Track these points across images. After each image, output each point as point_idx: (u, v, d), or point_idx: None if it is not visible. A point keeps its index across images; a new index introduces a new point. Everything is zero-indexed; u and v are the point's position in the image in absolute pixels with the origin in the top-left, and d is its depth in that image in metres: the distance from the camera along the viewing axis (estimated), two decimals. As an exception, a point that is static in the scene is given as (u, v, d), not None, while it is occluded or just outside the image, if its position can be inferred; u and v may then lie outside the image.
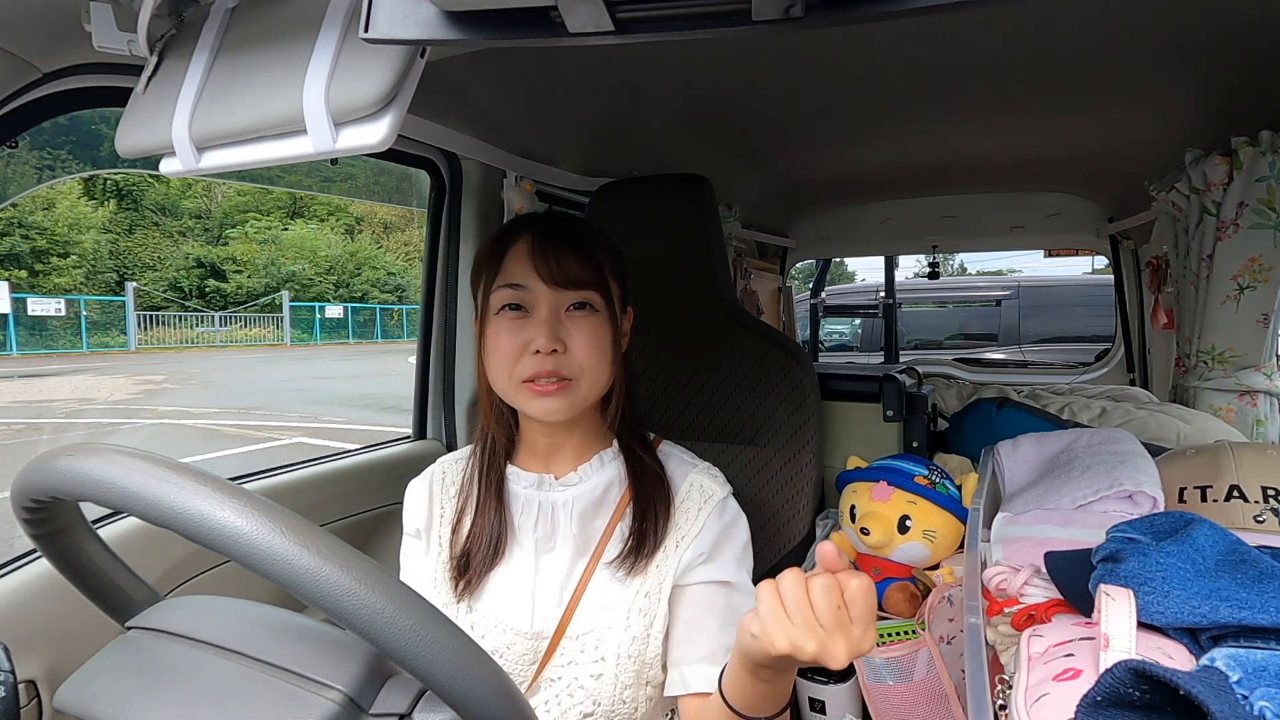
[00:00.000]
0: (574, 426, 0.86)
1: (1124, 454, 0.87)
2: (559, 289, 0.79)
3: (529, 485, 0.87)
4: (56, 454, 0.46)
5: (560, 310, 0.80)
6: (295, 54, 0.58)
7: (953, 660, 0.94)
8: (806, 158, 1.96)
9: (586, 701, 0.80)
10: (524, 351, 0.78)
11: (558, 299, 0.80)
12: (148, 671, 0.49)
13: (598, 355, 0.80)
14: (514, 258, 0.80)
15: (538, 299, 0.79)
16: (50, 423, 8.50)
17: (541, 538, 0.85)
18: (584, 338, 0.79)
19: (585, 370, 0.80)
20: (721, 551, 0.83)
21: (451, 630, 0.42)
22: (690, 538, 0.82)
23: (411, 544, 0.92)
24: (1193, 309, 1.52)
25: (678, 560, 0.81)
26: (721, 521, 0.84)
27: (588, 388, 0.81)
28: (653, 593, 0.81)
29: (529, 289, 0.79)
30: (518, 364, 0.79)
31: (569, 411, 0.80)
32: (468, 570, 0.84)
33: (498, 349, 0.80)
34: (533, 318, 0.79)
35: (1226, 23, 1.03)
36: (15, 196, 8.94)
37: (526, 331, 0.79)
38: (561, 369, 0.78)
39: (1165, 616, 0.52)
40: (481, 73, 1.15)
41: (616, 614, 0.81)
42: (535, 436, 0.88)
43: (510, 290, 0.80)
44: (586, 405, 0.83)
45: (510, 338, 0.79)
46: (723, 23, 0.44)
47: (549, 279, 0.79)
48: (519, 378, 0.79)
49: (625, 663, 0.79)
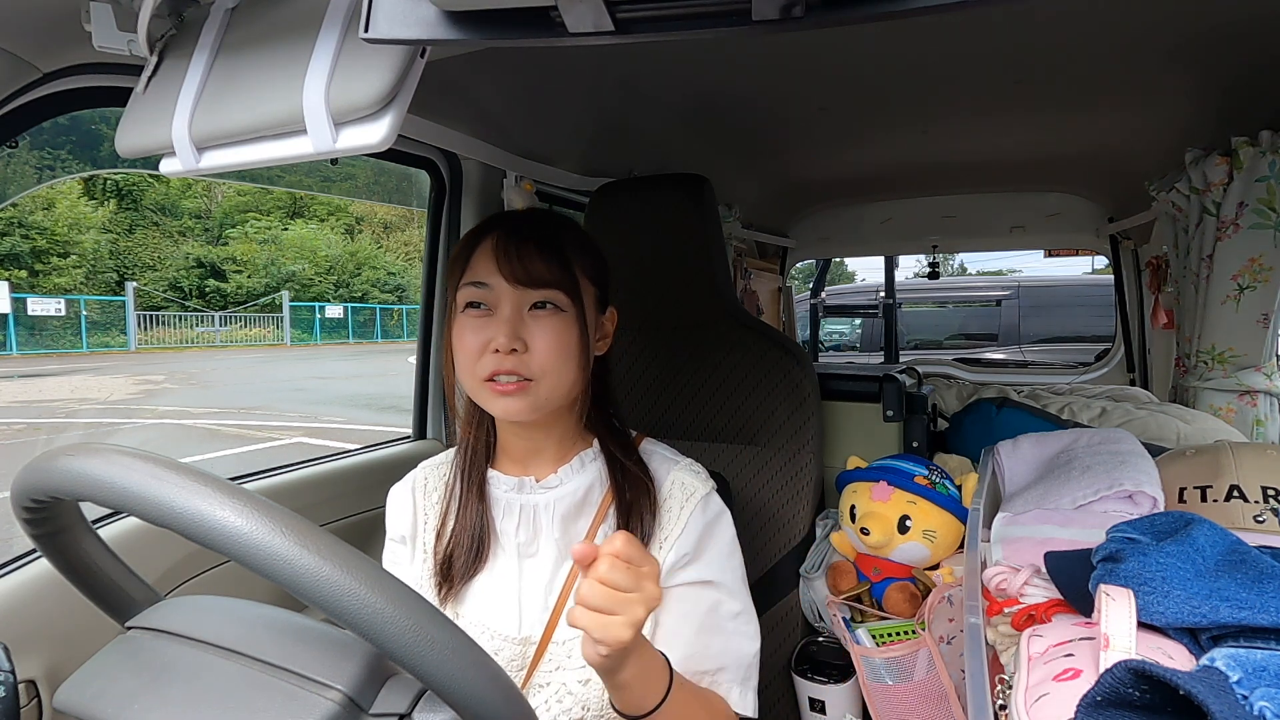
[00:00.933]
0: (550, 428, 0.85)
1: (1124, 454, 0.87)
2: (520, 287, 0.77)
3: (509, 489, 0.86)
4: (56, 454, 0.46)
5: (522, 309, 0.78)
6: (295, 54, 0.58)
7: (953, 660, 0.94)
8: (807, 158, 1.96)
9: (575, 707, 0.79)
10: (485, 350, 0.77)
11: (520, 297, 0.78)
12: (148, 671, 0.49)
13: (559, 357, 0.78)
14: (480, 255, 0.79)
15: (500, 297, 0.78)
16: (50, 423, 8.50)
17: (524, 542, 0.84)
18: (546, 338, 0.78)
19: (546, 372, 0.78)
20: (705, 550, 0.83)
21: (451, 630, 0.42)
22: (674, 538, 0.81)
23: (396, 550, 0.91)
24: (1193, 309, 1.52)
25: (663, 561, 0.80)
26: (705, 518, 0.83)
27: (549, 390, 0.79)
28: None
29: (491, 287, 0.78)
30: (479, 362, 0.78)
31: (531, 412, 0.79)
32: (450, 574, 0.84)
33: (462, 347, 0.79)
34: (495, 316, 0.78)
35: (1226, 22, 1.03)
36: (15, 196, 8.95)
37: (488, 330, 0.77)
38: (521, 369, 0.77)
39: (1165, 616, 0.52)
40: (481, 73, 1.15)
41: None
42: (511, 439, 0.87)
43: (474, 288, 0.79)
44: (551, 407, 0.81)
45: (473, 336, 0.78)
46: (723, 23, 0.44)
47: (511, 277, 0.77)
48: (480, 375, 0.78)
49: None
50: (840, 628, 1.11)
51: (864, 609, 1.15)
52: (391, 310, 22.05)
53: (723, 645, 0.81)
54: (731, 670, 0.81)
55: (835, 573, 1.17)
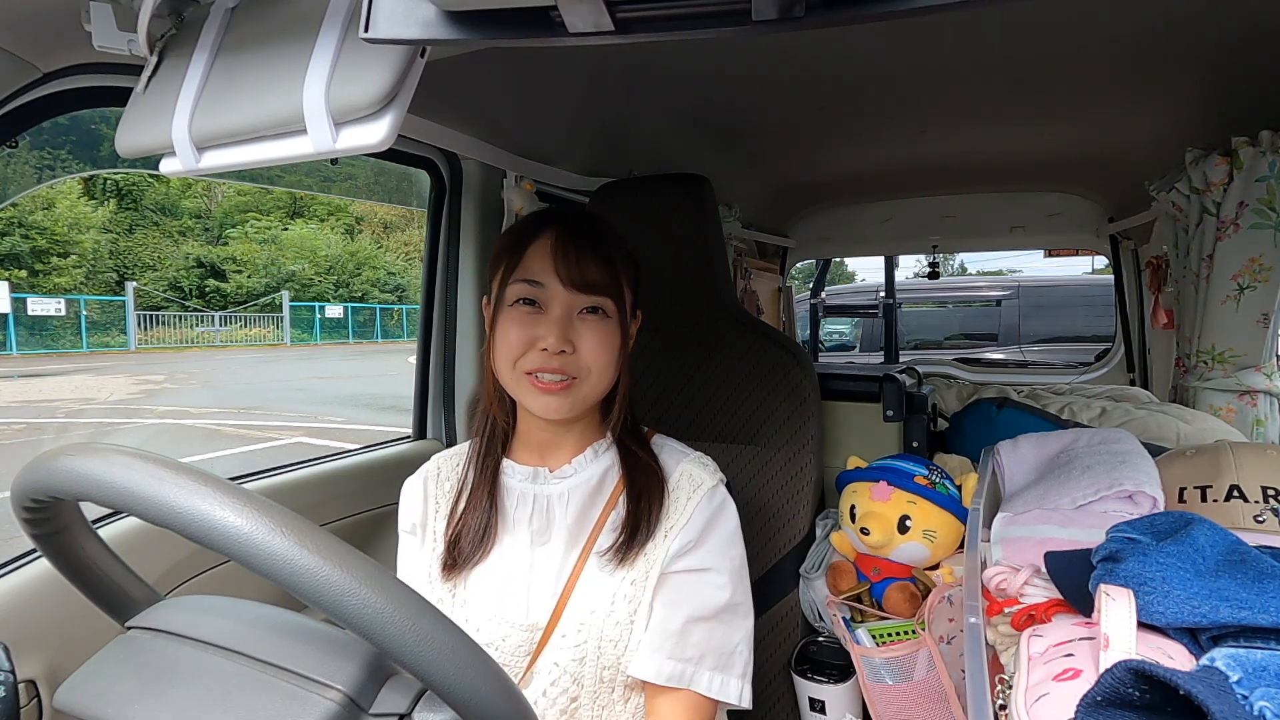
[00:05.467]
0: (574, 423, 0.87)
1: (1124, 454, 0.87)
2: (575, 291, 0.79)
3: (523, 479, 0.87)
4: (56, 454, 0.46)
5: (573, 312, 0.80)
6: (295, 54, 0.58)
7: (953, 660, 0.94)
8: (807, 158, 1.96)
9: (573, 686, 0.81)
10: (531, 347, 0.79)
11: (572, 301, 0.80)
12: (148, 671, 0.49)
13: (605, 359, 0.80)
14: (535, 253, 0.80)
15: (552, 298, 0.80)
16: (50, 422, 8.50)
17: (537, 530, 0.85)
18: (593, 341, 0.80)
19: (591, 371, 0.80)
20: (707, 539, 0.84)
21: (451, 630, 0.42)
22: (679, 527, 0.83)
23: (407, 540, 0.93)
24: (1193, 309, 1.52)
25: (666, 549, 0.82)
26: (710, 509, 0.85)
27: (590, 389, 0.81)
28: (639, 580, 0.81)
29: (546, 287, 0.79)
30: (523, 357, 0.79)
31: (570, 411, 0.81)
32: (457, 556, 0.85)
33: (505, 340, 0.80)
34: (545, 315, 0.79)
35: (1227, 23, 1.03)
36: (15, 196, 8.95)
37: (538, 328, 0.79)
38: (568, 368, 0.79)
39: (1165, 616, 0.52)
40: (481, 73, 1.15)
41: (602, 601, 0.81)
42: (533, 430, 0.88)
43: (527, 285, 0.80)
44: (587, 405, 0.83)
45: (519, 330, 0.79)
46: (723, 23, 0.44)
47: (567, 280, 0.79)
48: (523, 369, 0.79)
49: (607, 648, 0.80)
50: (840, 628, 1.11)
51: (864, 609, 1.15)
52: (391, 310, 22.05)
53: (706, 634, 0.81)
54: (711, 658, 0.81)
55: (835, 573, 1.17)
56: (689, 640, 0.80)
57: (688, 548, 0.82)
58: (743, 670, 0.83)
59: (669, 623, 0.80)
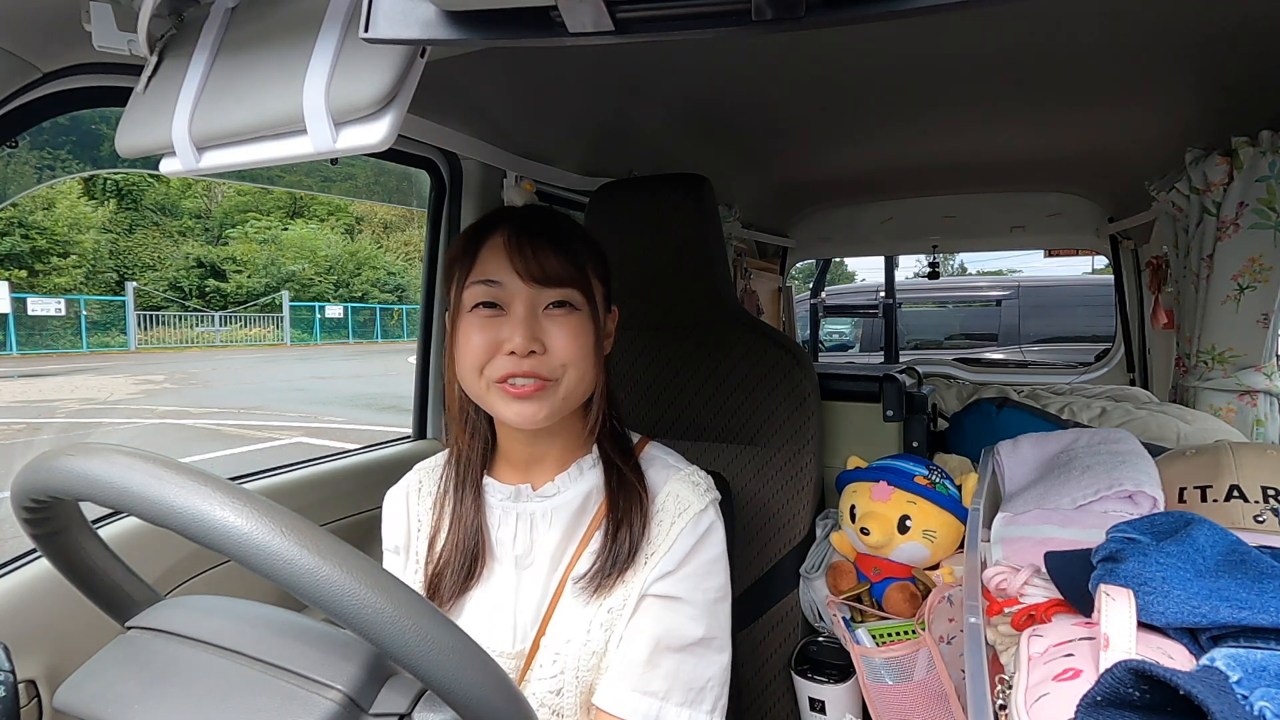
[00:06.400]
0: (555, 434, 0.82)
1: (1124, 454, 0.87)
2: (537, 286, 0.74)
3: (505, 497, 0.82)
4: (56, 454, 0.46)
5: (538, 309, 0.75)
6: (295, 54, 0.58)
7: (953, 660, 0.94)
8: (806, 158, 1.96)
9: (551, 716, 0.78)
10: (497, 351, 0.73)
11: (535, 296, 0.74)
12: (148, 671, 0.49)
13: (579, 353, 0.75)
14: (489, 253, 0.75)
15: (514, 296, 0.74)
16: (50, 422, 8.50)
17: (521, 554, 0.81)
18: (564, 336, 0.74)
19: (567, 369, 0.75)
20: (685, 566, 0.79)
21: (451, 630, 0.42)
22: (660, 554, 0.78)
23: (391, 561, 0.89)
24: (1193, 309, 1.52)
25: (644, 577, 0.78)
26: (694, 536, 0.79)
27: (568, 390, 0.75)
28: (616, 608, 0.77)
29: (504, 285, 0.74)
30: (489, 364, 0.74)
31: (549, 418, 0.75)
32: (440, 589, 0.81)
33: (468, 346, 0.74)
34: (508, 316, 0.74)
35: (1227, 22, 1.03)
36: (15, 196, 8.95)
37: (501, 331, 0.73)
38: (540, 369, 0.73)
39: (1165, 616, 0.52)
40: (481, 73, 1.15)
41: (578, 630, 0.78)
42: (513, 445, 0.83)
43: (484, 287, 0.74)
44: (566, 410, 0.78)
45: (482, 335, 0.73)
46: (723, 23, 0.44)
47: (526, 275, 0.73)
48: (491, 378, 0.74)
49: (584, 675, 0.77)
50: (840, 628, 1.11)
51: (864, 609, 1.15)
52: (391, 310, 22.05)
53: (674, 667, 0.76)
54: (678, 693, 0.76)
55: (835, 573, 1.17)
56: (656, 671, 0.75)
57: (665, 575, 0.78)
58: (713, 706, 0.77)
59: (636, 650, 0.76)
